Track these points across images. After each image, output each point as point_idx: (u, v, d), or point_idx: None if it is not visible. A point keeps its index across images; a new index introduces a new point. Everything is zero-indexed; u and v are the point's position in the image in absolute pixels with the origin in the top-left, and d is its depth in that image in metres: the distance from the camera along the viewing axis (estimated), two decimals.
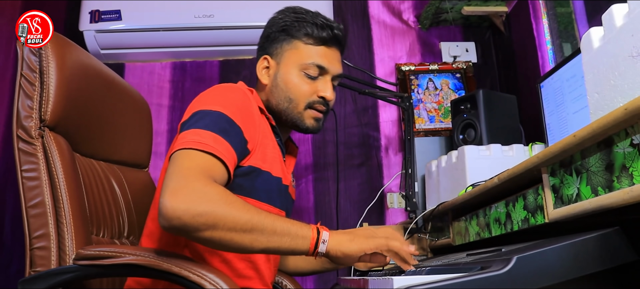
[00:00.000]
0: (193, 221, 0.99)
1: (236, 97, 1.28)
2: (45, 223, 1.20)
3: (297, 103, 1.38)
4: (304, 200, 2.39)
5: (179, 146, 1.12)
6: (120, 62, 2.54)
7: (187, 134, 1.14)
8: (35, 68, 1.29)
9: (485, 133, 1.95)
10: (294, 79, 1.38)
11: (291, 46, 1.39)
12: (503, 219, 1.29)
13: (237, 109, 1.24)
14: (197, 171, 1.07)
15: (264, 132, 1.33)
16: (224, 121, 1.19)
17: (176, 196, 1.00)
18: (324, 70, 1.39)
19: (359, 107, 2.49)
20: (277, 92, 1.39)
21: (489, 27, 2.63)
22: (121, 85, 1.65)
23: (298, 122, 1.40)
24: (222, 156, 1.13)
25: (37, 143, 1.25)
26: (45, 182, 1.23)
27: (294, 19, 1.40)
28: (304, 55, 1.38)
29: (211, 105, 1.22)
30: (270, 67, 1.42)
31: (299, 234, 1.10)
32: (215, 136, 1.15)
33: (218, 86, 1.32)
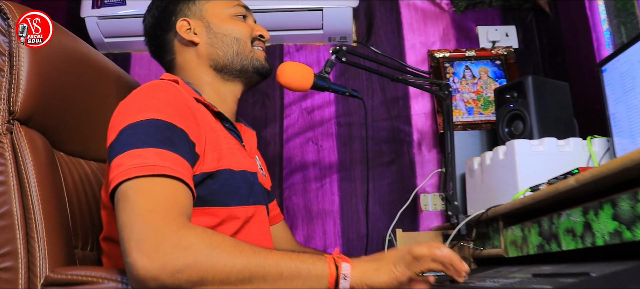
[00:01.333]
0: (172, 279, 0.79)
1: (166, 95, 1.06)
2: (12, 238, 0.99)
3: (245, 41, 1.31)
4: (328, 202, 2.15)
5: (120, 176, 0.89)
6: (126, 51, 2.33)
7: (123, 159, 0.92)
8: (3, 50, 1.08)
9: (536, 125, 1.69)
10: (229, 23, 1.32)
11: (206, 0, 1.33)
12: (579, 230, 1.03)
13: (172, 109, 1.02)
14: (159, 210, 0.85)
15: (209, 125, 1.13)
16: (164, 128, 0.98)
17: (144, 252, 0.80)
18: (248, 11, 1.38)
19: (388, 98, 2.24)
20: (218, 41, 1.30)
21: (531, 8, 2.36)
22: (114, 71, 1.44)
23: (254, 62, 1.32)
24: (178, 174, 0.92)
25: (5, 140, 1.04)
26: (13, 188, 1.01)
27: None
28: (225, 3, 1.34)
29: (140, 113, 0.99)
30: (193, 27, 1.29)
31: (312, 273, 0.86)
32: (160, 152, 0.93)
33: (141, 89, 1.10)
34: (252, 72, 1.31)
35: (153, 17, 1.35)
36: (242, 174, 1.18)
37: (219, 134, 1.17)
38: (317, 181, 2.17)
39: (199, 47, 1.29)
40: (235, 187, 1.15)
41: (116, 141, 0.97)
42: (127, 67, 2.32)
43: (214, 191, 1.10)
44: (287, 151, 2.20)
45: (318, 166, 2.19)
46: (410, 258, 0.91)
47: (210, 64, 1.29)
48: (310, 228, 2.12)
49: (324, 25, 2.19)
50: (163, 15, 1.33)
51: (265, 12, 2.12)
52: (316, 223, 2.12)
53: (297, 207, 2.14)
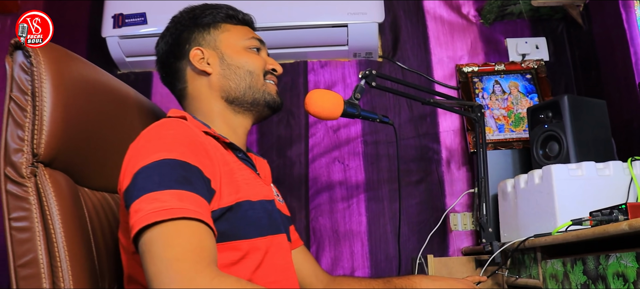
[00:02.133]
0: None
1: (176, 133, 1.04)
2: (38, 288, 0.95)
3: (257, 75, 1.29)
4: (356, 223, 2.10)
5: (140, 222, 0.87)
6: (147, 70, 2.31)
7: (141, 204, 0.89)
8: (26, 89, 1.05)
9: (572, 147, 1.62)
10: (242, 54, 1.30)
11: (221, 30, 1.32)
12: (632, 276, 0.97)
13: (184, 147, 1.00)
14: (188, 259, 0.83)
15: (221, 158, 1.10)
16: (179, 167, 0.95)
17: None
18: (262, 44, 1.37)
19: (416, 115, 2.19)
20: (231, 73, 1.28)
21: (562, 19, 2.29)
22: (137, 101, 1.41)
23: (266, 96, 1.30)
24: (197, 214, 0.89)
25: (29, 184, 1.01)
26: (38, 235, 0.99)
27: (204, 10, 1.35)
28: (240, 34, 1.33)
29: (152, 154, 0.96)
30: (206, 56, 1.28)
31: None
32: (178, 193, 0.90)
33: (151, 129, 1.07)
34: (263, 106, 1.29)
35: (167, 44, 1.33)
36: (261, 204, 1.15)
37: (232, 166, 1.14)
38: (344, 202, 2.12)
39: (212, 78, 1.26)
40: (256, 218, 1.11)
41: (131, 186, 0.94)
42: (149, 86, 2.29)
43: (234, 224, 1.07)
44: (312, 170, 2.15)
45: (345, 186, 2.14)
46: None
47: (222, 95, 1.26)
48: (338, 250, 2.07)
49: (349, 41, 2.14)
50: (177, 42, 1.31)
51: (289, 29, 2.09)
52: (343, 244, 2.08)
53: (324, 229, 2.09)
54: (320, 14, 2.09)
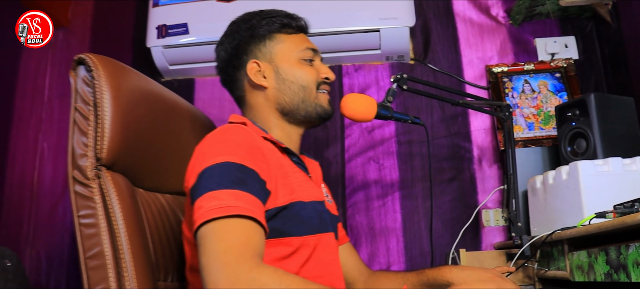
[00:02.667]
0: None
1: (237, 138, 1.14)
2: (104, 277, 1.08)
3: (310, 88, 1.36)
4: (391, 220, 2.19)
5: (200, 218, 0.97)
6: (190, 77, 2.43)
7: (203, 202, 1.00)
8: (89, 100, 1.17)
9: (599, 144, 1.68)
10: (297, 68, 1.36)
11: (276, 41, 1.38)
12: None
13: (243, 151, 1.10)
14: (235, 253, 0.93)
15: (277, 161, 1.20)
16: (236, 169, 1.05)
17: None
18: (316, 52, 1.41)
19: (448, 115, 2.26)
20: (286, 87, 1.35)
21: (591, 17, 2.33)
22: (184, 108, 1.52)
23: (317, 109, 1.37)
24: (250, 213, 0.99)
25: (94, 185, 1.13)
26: (103, 230, 1.11)
27: (260, 20, 1.39)
28: (294, 45, 1.38)
29: (215, 157, 1.07)
30: (263, 69, 1.35)
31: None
32: (234, 193, 1.01)
33: (214, 134, 1.19)
34: (315, 118, 1.37)
35: (226, 52, 1.41)
36: (312, 204, 1.24)
37: (287, 169, 1.24)
38: (379, 199, 2.21)
39: (268, 91, 1.34)
40: (307, 217, 1.21)
41: (196, 185, 1.05)
42: (191, 93, 2.42)
43: (287, 222, 1.16)
44: (348, 170, 2.25)
45: (380, 185, 2.23)
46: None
47: (277, 107, 1.34)
48: (374, 246, 2.16)
49: (382, 45, 2.23)
50: (235, 52, 1.38)
51: (324, 35, 2.17)
52: (379, 240, 2.17)
53: (360, 226, 2.19)
54: (354, 20, 2.18)
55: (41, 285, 2.28)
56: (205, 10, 2.28)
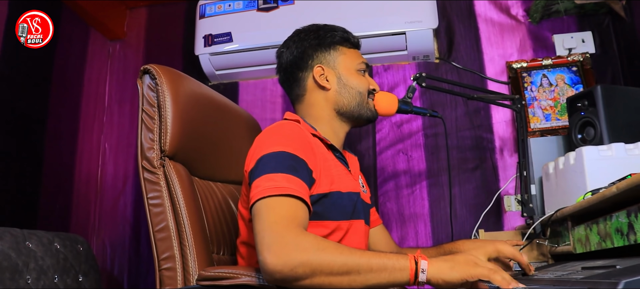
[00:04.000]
0: (292, 273, 1.05)
1: (291, 133, 1.36)
2: (170, 246, 1.31)
3: (364, 94, 1.59)
4: (419, 206, 2.38)
5: (257, 195, 1.18)
6: (234, 81, 2.68)
7: (261, 182, 1.21)
8: (153, 103, 1.40)
9: (605, 131, 1.83)
10: (355, 77, 1.59)
11: (339, 52, 1.60)
12: (625, 230, 1.22)
13: (296, 144, 1.31)
14: (284, 222, 1.13)
15: (323, 155, 1.41)
16: (289, 158, 1.26)
17: (272, 253, 1.07)
18: (367, 67, 1.64)
19: (471, 109, 2.44)
20: (346, 91, 1.57)
21: (608, 13, 2.47)
22: (231, 108, 1.75)
23: (368, 112, 1.60)
24: (298, 193, 1.19)
25: (159, 172, 1.36)
26: (168, 209, 1.34)
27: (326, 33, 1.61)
28: (353, 58, 1.61)
29: (272, 147, 1.28)
30: (326, 74, 1.56)
31: (396, 267, 1.10)
32: (287, 177, 1.21)
33: (272, 127, 1.40)
34: (364, 119, 1.60)
35: (291, 55, 1.61)
36: (348, 195, 1.46)
37: (330, 163, 1.45)
38: (408, 188, 2.41)
39: (329, 93, 1.57)
40: (343, 205, 1.43)
41: (255, 168, 1.27)
42: (236, 95, 2.66)
43: (327, 208, 1.38)
44: (380, 161, 2.45)
45: (409, 174, 2.42)
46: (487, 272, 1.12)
47: (335, 107, 1.57)
48: (404, 230, 2.36)
49: (408, 47, 2.42)
50: (302, 56, 1.59)
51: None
52: (409, 225, 2.36)
53: (391, 212, 2.39)
54: (382, 25, 2.38)
55: (106, 269, 2.56)
56: (246, 20, 2.52)
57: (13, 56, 2.03)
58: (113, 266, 2.57)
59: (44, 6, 1.87)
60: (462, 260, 1.13)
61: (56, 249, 1.96)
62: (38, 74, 2.29)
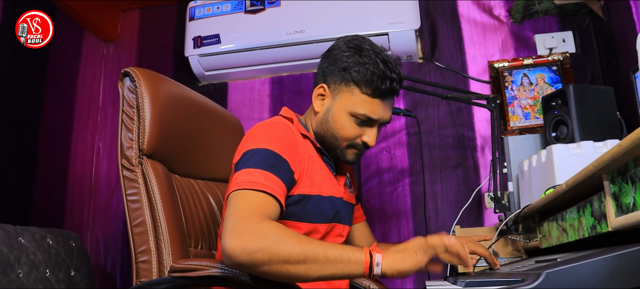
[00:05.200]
0: (250, 258, 1.10)
1: (280, 132, 1.40)
2: (146, 240, 1.38)
3: (340, 142, 1.51)
4: (402, 203, 2.44)
5: (233, 187, 1.24)
6: (223, 81, 2.75)
7: (240, 175, 1.26)
8: (132, 104, 1.47)
9: (577, 129, 1.89)
10: (343, 120, 1.48)
11: (348, 89, 1.47)
12: (576, 225, 1.28)
13: (282, 143, 1.35)
14: (250, 211, 1.18)
15: (309, 157, 1.45)
16: (272, 156, 1.31)
17: (234, 237, 1.12)
18: (372, 122, 1.49)
19: (453, 108, 2.50)
20: (325, 126, 1.51)
21: (588, 13, 2.51)
22: (213, 109, 1.81)
23: (338, 155, 1.54)
24: (272, 191, 1.24)
25: (138, 170, 1.43)
26: (145, 205, 1.41)
27: (357, 62, 1.44)
28: (357, 103, 1.46)
29: (259, 143, 1.33)
30: (325, 97, 1.52)
31: (351, 260, 1.16)
32: (265, 174, 1.26)
33: (263, 124, 1.44)
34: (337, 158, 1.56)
35: (323, 60, 1.55)
36: (330, 199, 1.51)
37: (316, 165, 1.50)
38: (391, 185, 2.47)
39: (317, 115, 1.54)
40: (322, 209, 1.48)
41: (239, 161, 1.34)
42: (224, 94, 2.73)
43: (306, 210, 1.44)
44: (363, 159, 2.51)
45: (391, 172, 2.48)
46: (426, 247, 1.20)
47: (315, 129, 1.56)
48: (387, 227, 2.42)
49: (391, 47, 2.47)
50: (325, 67, 1.53)
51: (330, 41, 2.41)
52: (391, 222, 2.42)
53: (374, 209, 2.45)
54: (365, 26, 2.44)
55: (100, 265, 2.64)
56: (234, 22, 2.58)
57: (8, 57, 2.10)
58: (106, 262, 2.65)
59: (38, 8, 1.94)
60: (412, 246, 1.19)
61: (48, 245, 2.03)
62: (33, 74, 2.37)
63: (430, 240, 1.21)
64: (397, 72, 1.47)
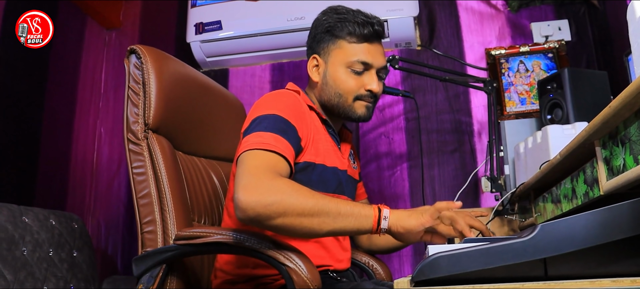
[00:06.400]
0: (265, 210, 1.13)
1: (288, 100, 1.44)
2: (151, 211, 1.41)
3: (346, 98, 1.54)
4: (400, 187, 2.48)
5: (244, 148, 1.28)
6: (224, 67, 2.78)
7: (250, 138, 1.30)
8: (138, 80, 1.50)
9: (571, 112, 1.93)
10: (341, 76, 1.53)
11: (336, 46, 1.55)
12: (570, 194, 1.32)
13: (290, 111, 1.39)
14: (263, 168, 1.21)
15: (315, 128, 1.48)
16: (281, 121, 1.35)
17: (248, 191, 1.15)
18: (369, 66, 1.54)
19: (451, 94, 2.54)
20: (327, 89, 1.55)
21: (584, 2, 2.56)
22: (216, 90, 1.85)
23: (349, 113, 1.56)
24: (283, 152, 1.28)
25: (143, 144, 1.46)
26: (150, 177, 1.44)
27: (336, 20, 1.54)
28: (348, 54, 1.53)
29: (268, 110, 1.37)
30: (319, 65, 1.57)
31: (362, 214, 1.21)
32: (275, 136, 1.30)
33: (271, 94, 1.48)
34: (349, 119, 1.60)
35: (308, 37, 1.64)
36: (333, 170, 1.54)
37: (322, 136, 1.54)
38: (389, 170, 2.51)
39: (316, 85, 1.59)
40: (326, 179, 1.51)
41: (249, 127, 1.37)
42: (225, 80, 2.76)
43: (310, 178, 1.46)
44: (363, 144, 2.55)
45: (390, 157, 2.52)
46: (433, 211, 1.25)
47: (319, 100, 1.60)
48: None
49: (390, 34, 2.51)
50: (311, 42, 1.62)
51: None
52: (389, 205, 2.44)
53: (372, 193, 2.48)
54: None
55: (101, 248, 2.67)
56: (236, 8, 2.62)
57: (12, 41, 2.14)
58: (107, 245, 2.68)
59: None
60: (420, 209, 1.25)
61: (51, 225, 2.07)
62: (36, 59, 2.40)
63: (437, 205, 1.26)
64: (375, 18, 1.56)
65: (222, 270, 1.47)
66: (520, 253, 0.85)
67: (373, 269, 1.78)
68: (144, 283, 1.32)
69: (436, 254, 0.87)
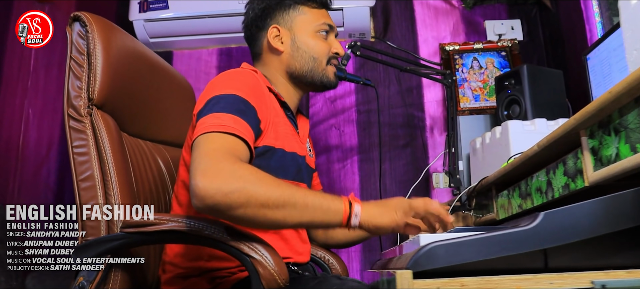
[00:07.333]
0: (225, 199, 1.02)
1: (247, 79, 1.33)
2: (94, 196, 1.27)
3: (320, 61, 1.50)
4: (350, 180, 2.41)
5: (201, 130, 1.15)
6: (168, 50, 2.63)
7: (207, 119, 1.18)
8: (83, 51, 1.35)
9: (529, 108, 1.92)
10: (312, 40, 1.50)
11: (299, 12, 1.51)
12: (544, 187, 1.27)
13: (249, 90, 1.28)
14: (223, 152, 1.10)
15: (275, 110, 1.38)
16: (239, 102, 1.23)
17: (207, 177, 1.03)
18: (332, 28, 1.55)
19: (404, 88, 2.49)
20: (299, 55, 1.49)
21: (536, 3, 2.57)
22: (166, 69, 1.71)
23: (322, 78, 1.51)
24: (242, 134, 1.17)
25: (86, 121, 1.31)
26: (94, 158, 1.29)
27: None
28: (315, 17, 1.52)
29: (224, 89, 1.25)
30: (281, 35, 1.49)
31: (331, 208, 1.11)
32: (233, 117, 1.18)
33: (227, 72, 1.36)
34: (319, 86, 1.54)
35: (253, 12, 1.54)
36: (292, 155, 1.43)
37: (280, 119, 1.42)
38: (339, 163, 2.43)
39: (282, 55, 1.50)
40: (285, 165, 1.40)
41: (204, 108, 1.23)
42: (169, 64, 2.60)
43: (269, 164, 1.34)
44: (313, 136, 2.46)
45: (340, 149, 2.45)
46: (408, 208, 1.17)
47: (288, 71, 1.50)
48: None
49: (345, 23, 2.44)
50: (261, 14, 1.52)
51: None
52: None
53: (322, 186, 2.39)
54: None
55: None
56: None
57: None
58: None
59: None
60: (392, 205, 1.16)
61: None
62: None
63: (413, 202, 1.17)
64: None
65: (172, 263, 1.34)
66: (521, 242, 0.78)
67: (329, 264, 1.69)
68: (84, 276, 1.18)
69: (432, 244, 0.79)
